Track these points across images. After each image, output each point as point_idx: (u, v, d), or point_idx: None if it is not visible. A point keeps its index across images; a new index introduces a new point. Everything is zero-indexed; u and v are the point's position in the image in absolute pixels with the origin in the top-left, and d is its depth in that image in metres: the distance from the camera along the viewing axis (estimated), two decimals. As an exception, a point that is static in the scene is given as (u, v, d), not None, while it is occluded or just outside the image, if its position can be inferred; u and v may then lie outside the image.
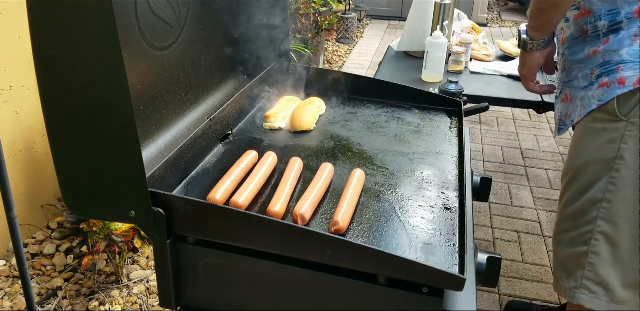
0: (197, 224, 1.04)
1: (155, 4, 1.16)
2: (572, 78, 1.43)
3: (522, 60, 1.53)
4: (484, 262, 1.11)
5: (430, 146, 1.46)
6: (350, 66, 4.98)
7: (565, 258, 1.46)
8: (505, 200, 2.93)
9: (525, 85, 1.59)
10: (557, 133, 1.56)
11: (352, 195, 1.16)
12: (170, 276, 1.09)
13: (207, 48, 1.47)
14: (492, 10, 7.03)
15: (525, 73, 1.54)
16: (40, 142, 2.36)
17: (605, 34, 1.31)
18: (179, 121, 1.33)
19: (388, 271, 0.95)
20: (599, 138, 1.34)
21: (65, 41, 0.87)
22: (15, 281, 2.14)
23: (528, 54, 1.48)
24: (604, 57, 1.31)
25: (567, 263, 1.45)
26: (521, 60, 1.53)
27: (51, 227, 2.46)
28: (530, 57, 1.48)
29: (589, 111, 1.35)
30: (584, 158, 1.39)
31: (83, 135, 0.96)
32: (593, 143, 1.35)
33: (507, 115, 4.05)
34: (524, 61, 1.52)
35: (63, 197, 1.04)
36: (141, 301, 2.09)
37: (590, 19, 1.34)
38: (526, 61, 1.51)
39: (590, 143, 1.36)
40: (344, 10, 5.50)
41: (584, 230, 1.39)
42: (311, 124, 1.53)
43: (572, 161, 1.44)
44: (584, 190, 1.38)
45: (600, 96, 1.31)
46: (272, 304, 1.10)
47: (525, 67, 1.53)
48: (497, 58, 2.73)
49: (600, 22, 1.32)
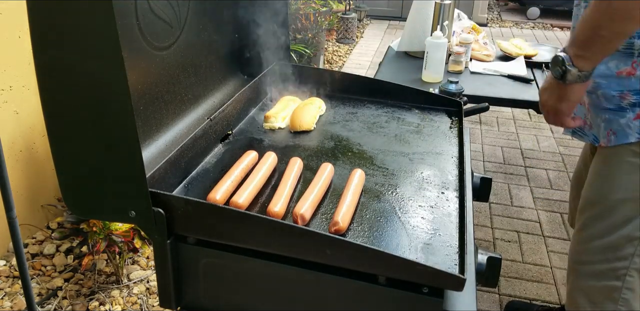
0: (197, 224, 1.04)
1: (155, 4, 1.16)
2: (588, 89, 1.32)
3: (558, 93, 1.28)
4: (484, 262, 1.11)
5: (430, 146, 1.46)
6: (350, 66, 4.98)
7: (590, 289, 1.46)
8: (505, 200, 2.93)
9: (559, 121, 1.35)
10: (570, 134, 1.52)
11: (352, 195, 1.16)
12: (170, 276, 1.09)
13: (207, 48, 1.47)
14: (492, 10, 7.04)
15: (562, 108, 1.30)
16: (40, 142, 2.37)
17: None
18: (179, 121, 1.33)
19: (388, 271, 0.95)
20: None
21: (65, 41, 0.87)
22: (15, 281, 2.14)
23: (569, 86, 1.23)
24: None
25: (593, 295, 1.46)
26: (557, 93, 1.28)
27: (51, 227, 2.46)
28: (571, 89, 1.24)
29: (625, 142, 1.29)
30: (621, 194, 1.34)
31: (83, 135, 0.96)
32: (634, 179, 1.31)
33: (507, 115, 4.05)
34: (561, 94, 1.27)
35: (63, 197, 1.04)
36: (141, 301, 2.09)
37: None
38: (566, 94, 1.26)
39: (629, 179, 1.32)
40: (344, 10, 5.50)
41: (618, 266, 1.38)
42: (311, 124, 1.53)
43: (604, 194, 1.39)
44: (619, 226, 1.36)
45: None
46: (272, 304, 1.10)
47: (564, 101, 1.28)
48: (497, 58, 2.72)
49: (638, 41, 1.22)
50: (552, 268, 2.40)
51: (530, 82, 2.42)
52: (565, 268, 2.38)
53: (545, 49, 2.82)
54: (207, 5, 1.40)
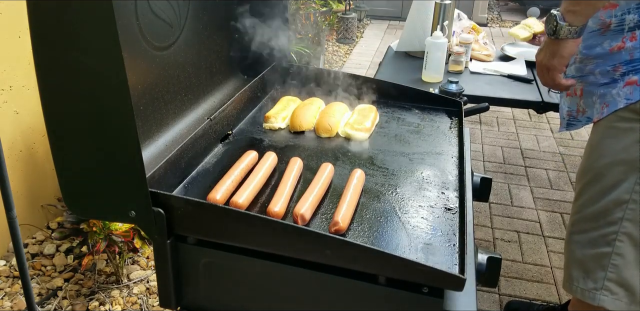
0: (197, 224, 1.04)
1: (155, 4, 1.16)
2: (585, 73, 1.39)
3: (551, 49, 1.36)
4: (484, 262, 1.11)
5: (430, 146, 1.46)
6: (350, 66, 4.98)
7: (583, 258, 1.44)
8: (505, 200, 2.93)
9: (550, 77, 1.42)
10: (565, 129, 1.52)
11: (352, 195, 1.16)
12: (170, 276, 1.09)
13: (207, 48, 1.47)
14: (492, 10, 7.03)
15: (554, 63, 1.37)
16: (40, 142, 2.36)
17: (631, 28, 1.27)
18: (179, 121, 1.33)
19: (388, 271, 0.95)
20: (626, 138, 1.31)
21: (65, 41, 0.87)
22: (15, 281, 2.14)
23: (562, 42, 1.32)
24: (632, 54, 1.28)
25: (586, 264, 1.43)
26: (550, 49, 1.37)
27: (51, 227, 2.46)
28: (563, 45, 1.32)
29: (614, 110, 1.31)
30: (608, 158, 1.35)
31: (83, 135, 0.96)
32: (619, 143, 1.32)
33: (507, 115, 4.05)
34: (554, 50, 1.35)
35: (63, 197, 1.04)
36: (141, 301, 2.09)
37: (617, 12, 1.30)
38: (558, 49, 1.34)
39: (616, 142, 1.33)
40: (344, 10, 5.50)
41: (607, 231, 1.37)
42: (311, 124, 1.53)
43: (592, 161, 1.40)
44: (607, 190, 1.36)
45: (628, 94, 1.28)
46: (272, 304, 1.10)
47: (555, 56, 1.36)
48: (497, 58, 2.73)
49: (629, 16, 1.27)
50: (552, 268, 2.40)
51: (531, 82, 2.42)
52: (565, 268, 2.38)
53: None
54: (207, 5, 1.40)
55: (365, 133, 1.47)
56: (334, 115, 1.53)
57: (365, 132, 1.47)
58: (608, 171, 1.36)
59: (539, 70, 1.44)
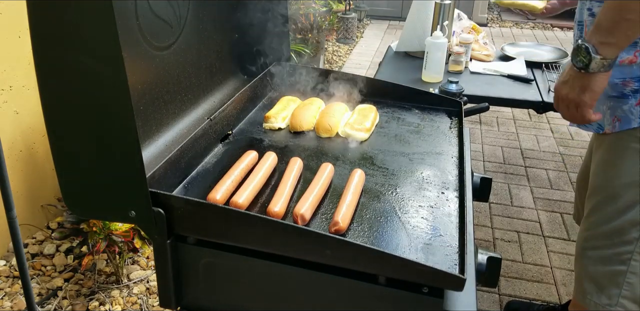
0: (197, 224, 1.04)
1: (155, 4, 1.16)
2: None
3: (580, 84, 1.23)
4: (484, 262, 1.11)
5: (430, 146, 1.46)
6: (350, 66, 4.98)
7: (596, 274, 1.46)
8: (505, 200, 2.93)
9: (580, 114, 1.29)
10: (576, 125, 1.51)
11: (352, 195, 1.15)
12: (170, 276, 1.09)
13: (207, 48, 1.47)
14: (492, 10, 7.03)
15: (585, 99, 1.24)
16: (40, 142, 2.37)
17: None
18: (179, 121, 1.33)
19: (388, 271, 0.95)
20: None
21: (65, 41, 0.87)
22: (15, 281, 2.15)
23: (593, 76, 1.20)
24: None
25: (599, 280, 1.46)
26: (579, 84, 1.24)
27: (51, 227, 2.46)
28: (595, 79, 1.20)
29: (628, 128, 1.31)
30: (626, 179, 1.36)
31: (83, 135, 0.96)
32: (637, 165, 1.32)
33: (507, 115, 4.05)
34: (584, 84, 1.22)
35: (63, 197, 1.04)
36: (141, 301, 2.09)
37: None
38: (589, 84, 1.22)
39: (632, 164, 1.34)
40: (344, 10, 5.50)
41: (622, 250, 1.39)
42: (311, 124, 1.53)
43: (608, 179, 1.40)
44: (623, 210, 1.37)
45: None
46: (272, 304, 1.10)
47: (586, 91, 1.23)
48: (497, 58, 2.73)
49: None
50: (552, 268, 2.40)
51: (530, 82, 2.42)
52: (565, 268, 2.39)
53: (546, 49, 2.82)
54: (207, 5, 1.40)
55: (365, 133, 1.48)
56: (334, 115, 1.53)
57: (365, 132, 1.48)
58: (625, 191, 1.36)
59: (563, 105, 1.31)
